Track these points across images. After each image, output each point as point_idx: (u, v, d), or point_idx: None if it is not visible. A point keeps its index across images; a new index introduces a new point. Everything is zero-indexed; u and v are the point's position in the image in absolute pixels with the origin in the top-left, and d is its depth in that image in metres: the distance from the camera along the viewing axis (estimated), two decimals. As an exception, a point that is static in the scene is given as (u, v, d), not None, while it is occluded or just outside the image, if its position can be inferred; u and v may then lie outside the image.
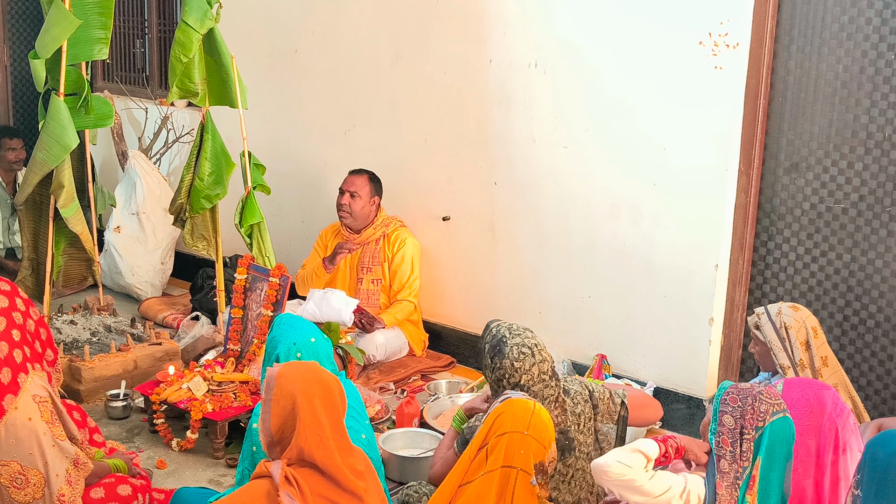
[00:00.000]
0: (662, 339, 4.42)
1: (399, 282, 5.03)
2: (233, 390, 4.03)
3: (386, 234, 5.07)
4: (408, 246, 5.04)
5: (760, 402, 2.63)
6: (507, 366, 3.02)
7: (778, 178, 4.21)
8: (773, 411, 2.62)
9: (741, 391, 2.67)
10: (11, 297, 3.07)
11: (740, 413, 2.64)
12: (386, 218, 5.11)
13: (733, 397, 2.66)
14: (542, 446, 2.68)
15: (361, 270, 5.07)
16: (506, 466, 2.64)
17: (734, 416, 2.65)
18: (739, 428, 2.64)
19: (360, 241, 5.07)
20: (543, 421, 2.72)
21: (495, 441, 2.68)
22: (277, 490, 2.39)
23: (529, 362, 3.02)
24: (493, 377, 3.08)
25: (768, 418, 2.61)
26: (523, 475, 2.62)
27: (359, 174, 5.06)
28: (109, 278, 5.85)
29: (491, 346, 3.08)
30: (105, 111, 4.51)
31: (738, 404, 2.65)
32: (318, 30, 5.52)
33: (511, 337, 3.06)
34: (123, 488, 3.19)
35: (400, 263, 5.02)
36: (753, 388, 2.67)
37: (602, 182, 4.52)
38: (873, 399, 4.11)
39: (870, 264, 4.04)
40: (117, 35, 6.67)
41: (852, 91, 3.98)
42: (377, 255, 5.06)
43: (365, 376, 4.72)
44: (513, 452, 2.65)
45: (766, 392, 2.66)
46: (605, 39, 4.40)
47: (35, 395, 2.98)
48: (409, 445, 3.86)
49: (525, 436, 2.66)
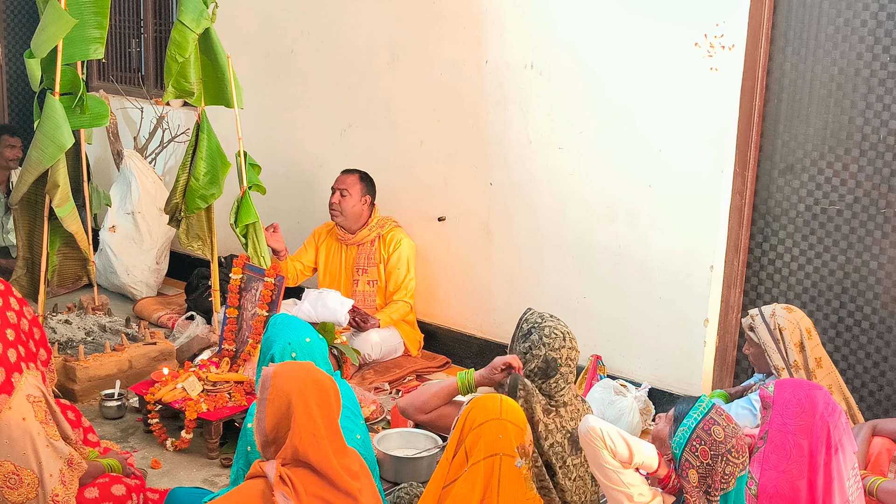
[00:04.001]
0: (657, 340, 4.43)
1: (395, 282, 5.03)
2: (227, 390, 4.02)
3: (381, 234, 5.07)
4: (403, 246, 5.03)
5: (728, 462, 2.62)
6: (535, 339, 3.13)
7: (773, 180, 4.22)
8: (737, 473, 2.64)
9: (715, 445, 2.62)
10: (5, 297, 3.06)
11: (708, 472, 2.63)
12: (381, 219, 5.11)
13: (704, 451, 2.63)
14: (518, 428, 2.73)
15: (357, 272, 5.07)
16: (489, 456, 2.65)
17: (700, 473, 2.64)
18: (705, 487, 2.65)
19: (355, 242, 5.08)
20: (514, 406, 2.80)
21: (473, 436, 2.69)
22: (272, 490, 2.39)
23: (559, 343, 3.14)
24: (521, 348, 3.17)
25: (732, 482, 2.63)
26: (507, 459, 2.64)
27: (350, 173, 5.07)
28: (104, 278, 5.84)
29: (527, 323, 3.21)
30: (100, 111, 4.51)
31: (707, 461, 2.63)
32: (315, 30, 5.52)
33: (543, 321, 3.20)
34: (118, 488, 3.19)
35: (396, 264, 5.02)
36: (726, 442, 2.63)
37: (597, 183, 4.52)
38: (867, 400, 4.11)
39: (864, 266, 4.05)
40: (113, 34, 6.66)
41: (847, 93, 3.99)
42: (373, 256, 5.06)
43: (360, 376, 4.72)
44: (492, 440, 2.67)
45: (736, 449, 2.63)
46: (601, 41, 4.41)
47: (29, 395, 2.98)
48: (403, 446, 3.85)
49: (501, 420, 2.71)
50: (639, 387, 4.37)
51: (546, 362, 3.12)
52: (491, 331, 5.01)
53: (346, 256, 5.11)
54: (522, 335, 3.20)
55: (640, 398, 4.28)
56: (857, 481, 2.86)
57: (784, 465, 2.75)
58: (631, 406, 4.13)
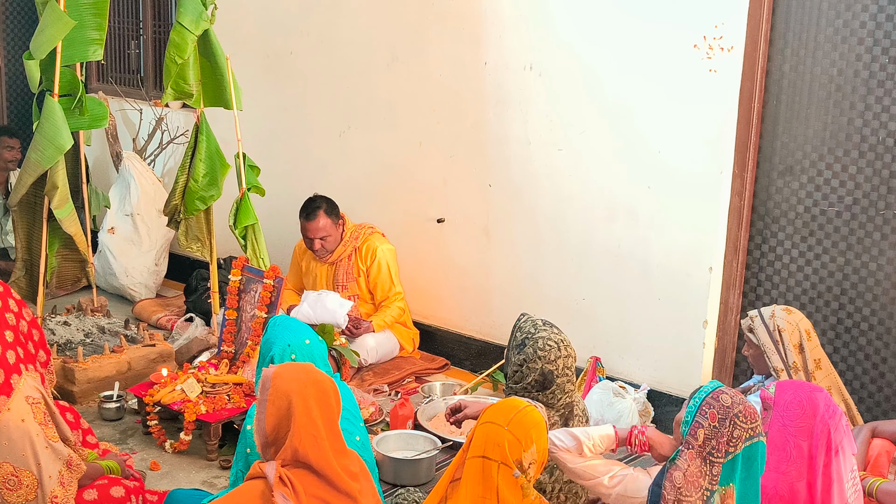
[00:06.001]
0: (657, 342, 4.43)
1: (382, 291, 4.98)
2: (226, 392, 4.02)
3: (357, 247, 4.99)
4: (381, 254, 4.95)
5: (735, 426, 2.58)
6: (530, 353, 3.10)
7: (772, 181, 4.22)
8: (745, 437, 2.59)
9: (723, 409, 2.59)
10: (4, 298, 3.06)
11: (714, 434, 2.59)
12: (354, 229, 5.01)
13: (713, 413, 2.60)
14: (519, 443, 2.59)
15: (336, 288, 4.99)
16: (485, 458, 2.58)
17: (706, 434, 2.60)
18: (708, 450, 2.60)
19: (332, 261, 4.99)
20: (528, 421, 2.64)
21: (476, 429, 2.65)
22: (272, 491, 2.39)
23: (555, 354, 3.11)
24: (516, 360, 3.14)
25: (741, 444, 2.59)
26: (504, 468, 2.58)
27: (313, 217, 4.85)
28: (103, 279, 5.83)
29: (521, 332, 3.18)
30: (99, 112, 4.51)
31: (714, 424, 2.59)
32: (314, 31, 5.52)
33: (537, 331, 3.16)
34: (116, 490, 3.18)
35: (377, 274, 4.96)
36: (734, 407, 2.59)
37: (597, 184, 4.52)
38: (867, 402, 4.11)
39: (863, 267, 4.05)
40: (112, 36, 6.66)
41: (846, 94, 3.99)
42: (350, 271, 4.98)
43: (359, 378, 4.71)
44: (491, 444, 2.59)
45: (745, 414, 2.59)
46: (601, 42, 4.41)
47: (28, 397, 2.98)
48: (403, 447, 3.85)
49: (504, 430, 2.59)
50: (638, 388, 4.37)
51: (543, 375, 3.10)
52: (490, 332, 5.01)
53: (326, 274, 5.03)
54: (517, 345, 3.17)
55: (640, 400, 4.28)
56: (857, 483, 2.86)
57: (784, 467, 2.75)
58: (630, 408, 4.13)
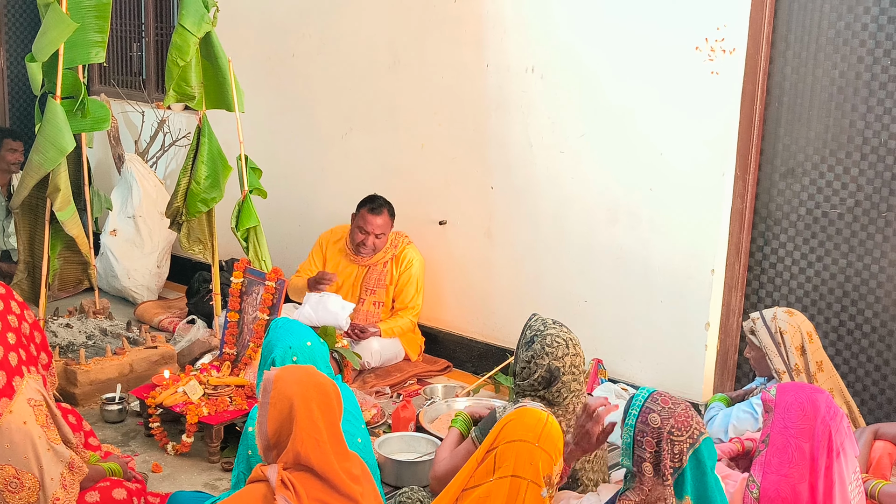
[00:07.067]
0: (659, 344, 4.42)
1: (402, 301, 5.00)
2: (228, 394, 4.02)
3: (395, 255, 5.01)
4: (415, 266, 4.98)
5: (674, 443, 2.51)
6: (538, 349, 3.11)
7: (774, 183, 4.22)
8: (687, 447, 2.51)
9: (654, 432, 2.52)
10: (6, 301, 3.06)
11: (657, 459, 2.52)
12: (393, 238, 5.04)
13: (649, 441, 2.53)
14: (550, 458, 2.69)
15: (365, 291, 5.00)
16: (515, 476, 2.64)
17: (653, 463, 2.52)
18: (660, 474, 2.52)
19: (368, 263, 5.00)
20: (554, 433, 2.75)
21: (504, 448, 2.67)
22: (274, 494, 2.39)
23: (563, 351, 3.12)
24: (524, 356, 3.14)
25: (685, 457, 2.51)
26: (533, 487, 2.62)
27: (379, 212, 4.88)
28: (105, 282, 5.84)
29: (530, 330, 3.19)
30: (101, 114, 4.51)
31: (655, 450, 2.52)
32: (316, 34, 5.52)
33: (546, 329, 3.18)
34: (118, 492, 3.18)
35: (406, 283, 4.98)
36: (664, 425, 2.51)
37: (599, 187, 4.52)
38: (869, 404, 4.11)
39: (865, 269, 4.05)
40: (114, 38, 6.67)
41: (848, 96, 3.99)
42: (383, 277, 4.99)
43: (361, 380, 4.71)
44: (523, 463, 2.65)
45: (677, 427, 2.51)
46: (602, 44, 4.41)
47: (30, 399, 2.98)
48: (404, 449, 3.85)
49: (535, 447, 2.67)
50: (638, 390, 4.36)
51: (549, 371, 3.12)
52: (492, 335, 5.01)
53: (357, 275, 5.03)
54: (526, 343, 3.19)
55: (642, 402, 4.27)
56: (859, 485, 2.86)
57: (786, 469, 2.75)
58: (632, 410, 4.13)
